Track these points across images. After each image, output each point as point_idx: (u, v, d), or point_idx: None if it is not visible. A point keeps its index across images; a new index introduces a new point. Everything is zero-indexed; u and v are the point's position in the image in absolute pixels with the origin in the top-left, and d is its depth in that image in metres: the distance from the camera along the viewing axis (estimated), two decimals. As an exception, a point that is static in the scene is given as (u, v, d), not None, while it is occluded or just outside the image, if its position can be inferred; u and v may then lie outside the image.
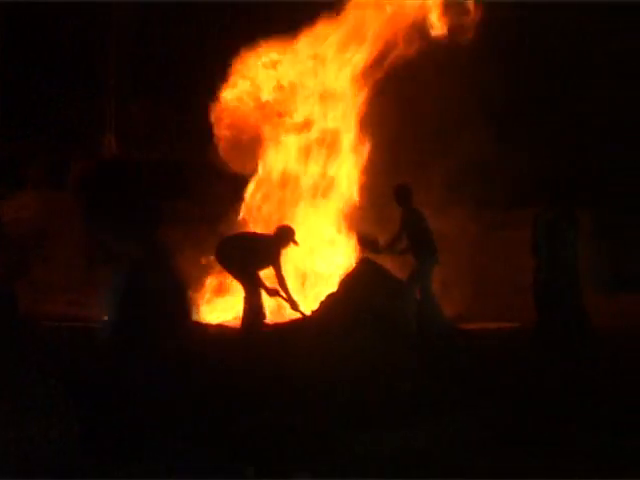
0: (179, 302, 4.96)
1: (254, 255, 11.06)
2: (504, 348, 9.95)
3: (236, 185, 13.91)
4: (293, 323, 11.35)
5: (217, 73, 14.31)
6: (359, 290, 11.13)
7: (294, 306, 11.50)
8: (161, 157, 16.83)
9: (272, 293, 11.43)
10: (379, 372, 8.31)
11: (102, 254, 10.37)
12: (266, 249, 11.16)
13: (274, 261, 11.09)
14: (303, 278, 13.21)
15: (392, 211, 12.02)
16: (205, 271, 13.00)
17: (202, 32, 17.41)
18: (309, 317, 11.13)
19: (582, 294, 9.34)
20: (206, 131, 14.08)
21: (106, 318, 7.42)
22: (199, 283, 13.13)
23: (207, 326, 12.12)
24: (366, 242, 11.94)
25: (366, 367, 8.50)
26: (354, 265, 11.70)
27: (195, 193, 15.19)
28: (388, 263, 11.44)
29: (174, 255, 5.30)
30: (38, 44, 16.94)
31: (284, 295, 11.42)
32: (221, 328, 11.95)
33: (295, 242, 11.46)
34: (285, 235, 11.35)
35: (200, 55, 16.91)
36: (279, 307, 12.72)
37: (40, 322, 11.33)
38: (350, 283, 11.34)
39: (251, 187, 13.86)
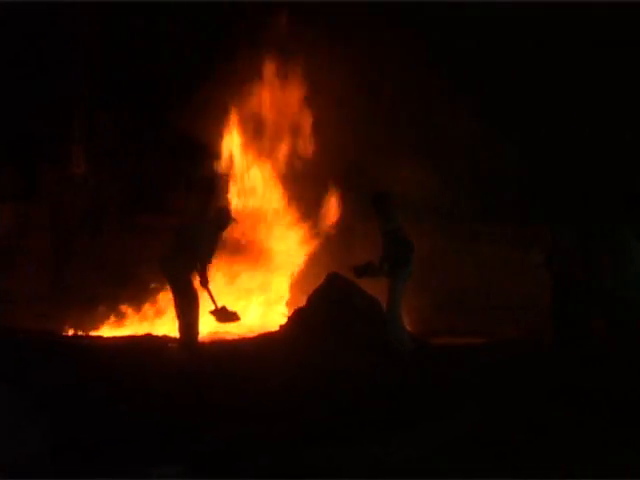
0: None
1: (185, 250, 10.23)
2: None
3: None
4: (261, 337, 11.35)
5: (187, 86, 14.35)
6: (327, 304, 11.18)
7: (204, 283, 10.37)
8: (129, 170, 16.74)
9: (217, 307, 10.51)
10: (348, 385, 8.34)
11: None
12: (202, 231, 10.31)
13: (209, 242, 10.28)
14: None
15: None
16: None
17: (172, 45, 17.41)
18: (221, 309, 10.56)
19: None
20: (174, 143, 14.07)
21: None
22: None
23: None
24: (361, 270, 11.11)
25: (334, 380, 8.56)
26: (323, 280, 11.66)
27: (164, 205, 15.12)
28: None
29: None
30: (4, 56, 16.84)
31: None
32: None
33: (235, 220, 10.78)
34: (221, 216, 10.59)
35: (170, 68, 16.92)
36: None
37: (11, 334, 11.22)
38: (318, 298, 11.38)
39: None
